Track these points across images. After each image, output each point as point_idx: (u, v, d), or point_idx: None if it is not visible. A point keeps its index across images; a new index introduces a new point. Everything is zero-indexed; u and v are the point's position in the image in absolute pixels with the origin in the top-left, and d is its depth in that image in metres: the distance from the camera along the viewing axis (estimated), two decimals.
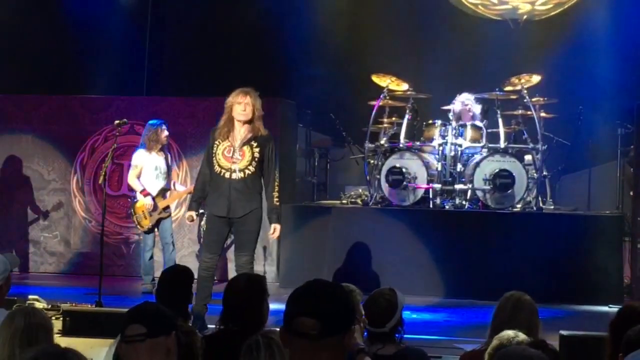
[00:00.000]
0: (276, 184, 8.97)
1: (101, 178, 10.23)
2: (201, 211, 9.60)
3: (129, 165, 12.30)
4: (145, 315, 3.51)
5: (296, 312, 2.99)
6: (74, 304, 9.25)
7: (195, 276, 7.50)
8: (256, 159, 8.82)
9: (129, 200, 11.87)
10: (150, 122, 11.40)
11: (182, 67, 13.75)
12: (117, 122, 10.68)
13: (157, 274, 9.83)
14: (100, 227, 10.89)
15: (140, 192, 11.34)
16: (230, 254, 9.86)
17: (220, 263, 10.59)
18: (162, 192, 11.45)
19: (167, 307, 3.71)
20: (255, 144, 8.83)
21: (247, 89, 8.93)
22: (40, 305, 8.83)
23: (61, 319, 8.50)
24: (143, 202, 11.33)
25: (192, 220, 9.45)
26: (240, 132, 8.87)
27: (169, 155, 11.67)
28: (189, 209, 9.41)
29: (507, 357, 3.08)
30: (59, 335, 7.85)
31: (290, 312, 3.01)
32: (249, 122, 8.86)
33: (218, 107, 9.41)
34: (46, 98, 13.59)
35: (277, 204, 8.98)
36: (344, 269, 11.53)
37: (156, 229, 11.49)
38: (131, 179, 11.48)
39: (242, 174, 8.81)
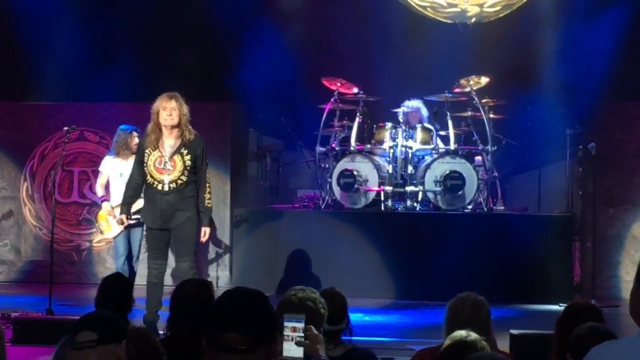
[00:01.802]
0: (208, 185, 8.92)
1: (50, 185, 10.04)
2: (136, 217, 9.42)
3: (80, 172, 12.19)
4: (96, 322, 3.53)
5: (221, 327, 2.90)
6: (24, 312, 9.18)
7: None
8: (188, 167, 8.76)
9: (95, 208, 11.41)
10: (122, 127, 10.86)
11: (133, 72, 13.65)
12: (66, 128, 10.58)
13: None
14: (51, 235, 10.81)
15: (100, 198, 10.89)
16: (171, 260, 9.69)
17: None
18: None
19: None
20: (185, 152, 8.78)
21: (172, 93, 8.86)
22: None
23: (11, 327, 8.44)
24: (102, 209, 10.93)
25: (123, 224, 9.37)
26: (169, 140, 8.81)
27: None
28: (121, 212, 9.32)
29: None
30: (9, 344, 7.78)
31: (215, 328, 2.91)
32: (177, 127, 8.80)
33: None
34: None
35: (209, 206, 8.93)
36: (296, 272, 11.52)
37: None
38: (96, 186, 11.00)
39: (174, 185, 8.77)
